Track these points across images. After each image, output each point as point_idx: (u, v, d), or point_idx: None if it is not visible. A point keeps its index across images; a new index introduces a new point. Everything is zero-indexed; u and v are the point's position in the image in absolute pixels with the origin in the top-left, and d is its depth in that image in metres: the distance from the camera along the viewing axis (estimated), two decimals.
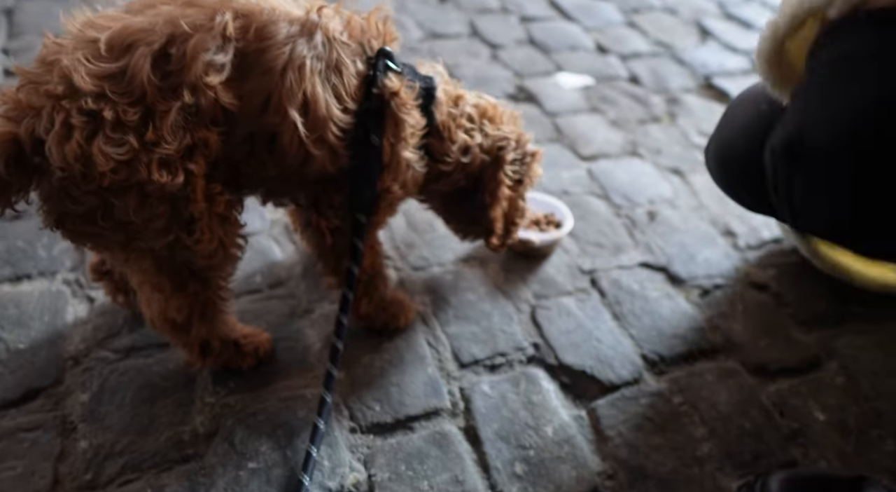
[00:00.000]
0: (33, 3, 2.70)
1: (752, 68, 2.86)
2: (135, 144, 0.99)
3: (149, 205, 1.05)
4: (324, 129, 1.17)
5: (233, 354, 1.41)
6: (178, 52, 1.01)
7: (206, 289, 1.26)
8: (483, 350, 1.58)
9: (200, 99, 1.03)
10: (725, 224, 2.02)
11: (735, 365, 1.59)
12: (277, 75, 1.10)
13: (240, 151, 1.14)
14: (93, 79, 0.96)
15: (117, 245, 1.13)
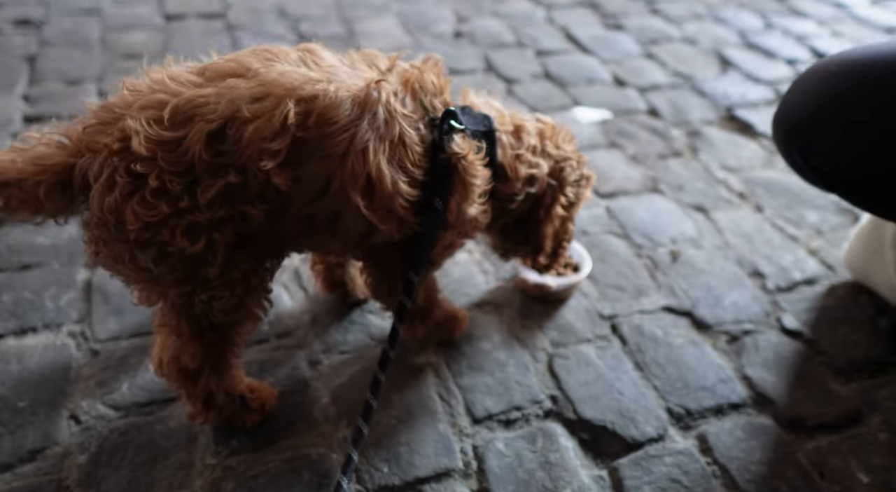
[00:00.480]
0: (55, 49, 2.76)
1: (775, 99, 2.78)
2: (166, 210, 1.03)
3: (168, 261, 1.10)
4: (391, 204, 1.17)
5: (237, 409, 1.38)
6: (235, 134, 1.04)
7: (223, 341, 1.27)
8: (498, 404, 1.50)
9: (249, 178, 1.06)
10: (753, 264, 1.93)
11: (768, 420, 1.49)
12: (338, 160, 1.09)
13: (295, 227, 1.18)
14: (149, 144, 1.02)
15: (141, 286, 1.20)
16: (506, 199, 1.39)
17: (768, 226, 2.08)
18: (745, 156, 2.42)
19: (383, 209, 1.17)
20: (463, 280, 1.83)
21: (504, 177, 1.37)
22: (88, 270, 1.76)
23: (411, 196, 1.19)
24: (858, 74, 1.38)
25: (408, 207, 1.20)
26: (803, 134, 1.47)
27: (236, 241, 1.12)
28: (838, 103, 1.40)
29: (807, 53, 3.15)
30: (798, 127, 1.48)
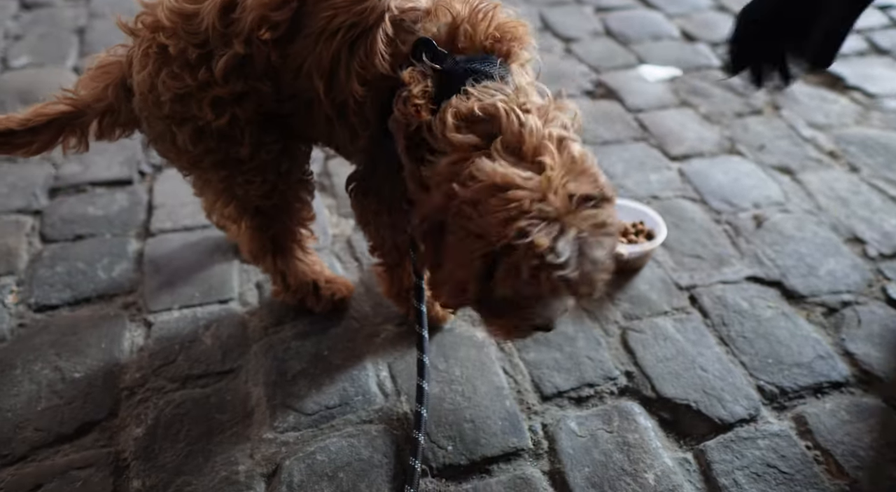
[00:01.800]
0: (104, 21, 2.73)
1: (868, 49, 2.52)
2: (189, 81, 1.08)
3: (203, 139, 1.14)
4: (344, 101, 1.10)
5: (309, 294, 1.47)
6: (243, 2, 1.05)
7: (273, 225, 1.34)
8: (567, 380, 1.39)
9: (254, 51, 1.07)
10: (850, 229, 1.73)
11: (877, 401, 1.33)
12: (313, 41, 1.07)
13: (286, 108, 1.17)
14: (171, 15, 1.06)
15: (187, 169, 1.26)
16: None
17: (866, 187, 1.87)
18: (834, 111, 2.20)
19: (338, 105, 1.10)
20: None
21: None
22: (140, 240, 1.72)
23: (361, 98, 1.06)
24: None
25: (357, 112, 1.08)
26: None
27: (259, 119, 1.15)
28: None
29: None
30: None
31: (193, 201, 1.81)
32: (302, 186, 1.32)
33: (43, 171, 1.92)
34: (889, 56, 2.47)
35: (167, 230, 1.74)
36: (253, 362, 1.42)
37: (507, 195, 0.90)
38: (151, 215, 1.79)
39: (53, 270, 1.62)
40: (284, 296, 1.48)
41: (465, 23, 1.05)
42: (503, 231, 0.89)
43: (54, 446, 1.25)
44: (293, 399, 1.34)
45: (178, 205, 1.81)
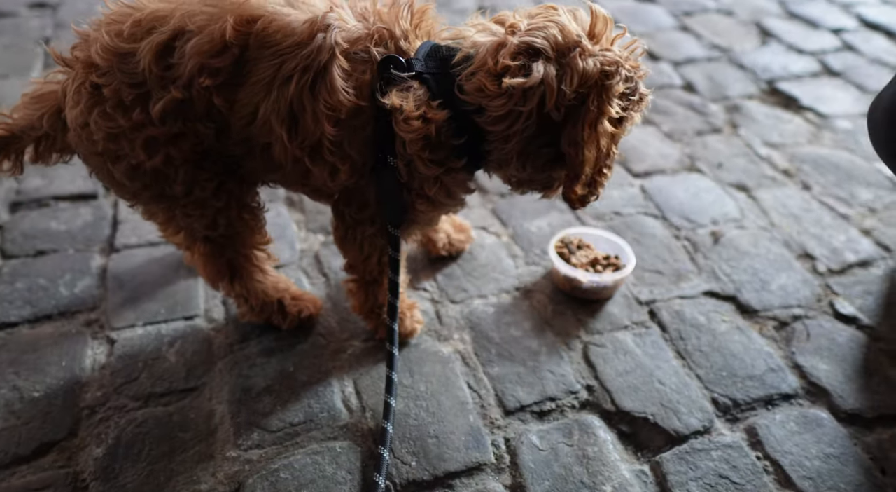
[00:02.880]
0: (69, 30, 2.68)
1: (821, 71, 2.62)
2: (122, 122, 1.07)
3: (137, 176, 1.15)
4: (317, 144, 1.11)
5: (274, 312, 1.48)
6: (181, 48, 1.05)
7: (227, 252, 1.35)
8: (530, 394, 1.42)
9: (194, 95, 1.07)
10: (802, 245, 1.80)
11: (823, 412, 1.38)
12: (265, 88, 1.08)
13: (237, 150, 1.18)
14: (106, 55, 1.05)
15: (127, 200, 1.27)
16: (489, 123, 1.12)
17: (817, 204, 1.95)
18: (789, 131, 2.28)
19: (310, 147, 1.12)
20: (491, 265, 1.74)
21: (476, 107, 1.11)
22: (104, 255, 1.71)
23: (336, 138, 1.10)
24: None
25: (334, 151, 1.12)
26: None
27: (195, 158, 1.15)
28: None
29: (854, 22, 2.97)
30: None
31: None
32: (248, 214, 1.31)
33: (4, 184, 1.90)
34: (840, 78, 2.58)
35: (132, 246, 1.73)
36: (217, 380, 1.42)
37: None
38: (116, 230, 1.78)
39: (13, 286, 1.60)
40: (250, 316, 1.49)
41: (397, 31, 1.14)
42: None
43: (11, 467, 1.24)
44: (258, 416, 1.35)
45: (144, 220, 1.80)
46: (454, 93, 1.12)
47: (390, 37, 1.13)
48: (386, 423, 1.24)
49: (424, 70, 1.12)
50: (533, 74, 1.06)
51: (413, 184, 1.18)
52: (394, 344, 1.30)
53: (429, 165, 1.14)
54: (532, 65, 1.07)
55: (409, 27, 1.14)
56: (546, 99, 1.08)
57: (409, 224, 1.29)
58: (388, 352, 1.31)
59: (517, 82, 1.06)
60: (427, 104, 1.10)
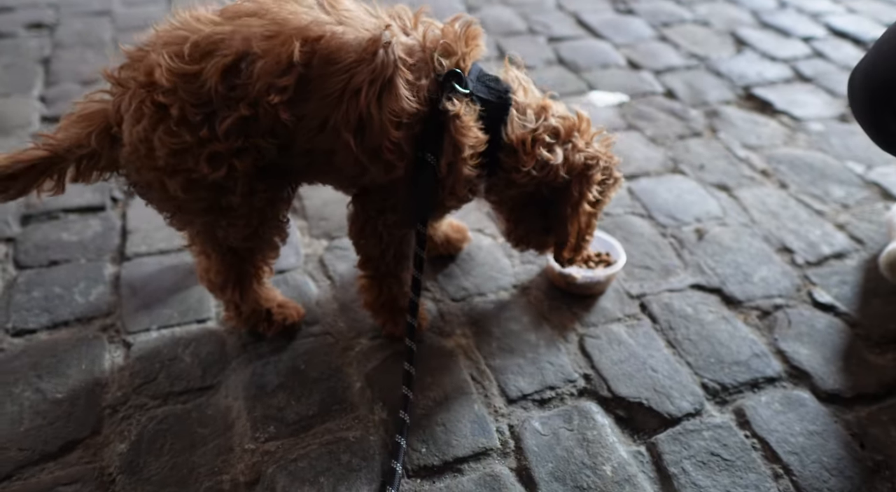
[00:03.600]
0: (69, 51, 2.77)
1: (794, 77, 2.76)
2: (189, 139, 1.14)
3: (194, 189, 1.21)
4: (378, 145, 1.23)
5: (261, 320, 1.55)
6: (248, 69, 1.13)
7: (243, 263, 1.43)
8: (531, 384, 1.50)
9: (260, 112, 1.15)
10: (780, 240, 1.91)
11: (805, 393, 1.48)
12: (335, 101, 1.18)
13: (300, 161, 1.28)
14: (170, 76, 1.11)
15: (170, 212, 1.32)
16: (510, 168, 1.38)
17: (793, 202, 2.06)
18: (765, 134, 2.40)
19: (372, 149, 1.23)
20: (488, 264, 1.83)
21: (510, 150, 1.36)
22: (115, 264, 1.77)
23: (397, 139, 1.22)
24: None
25: (394, 150, 1.24)
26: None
27: (255, 171, 1.23)
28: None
29: (823, 31, 3.12)
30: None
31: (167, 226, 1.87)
32: (278, 230, 1.41)
33: None
34: (812, 83, 2.71)
35: (142, 254, 1.80)
36: (232, 378, 1.48)
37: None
38: (126, 240, 1.84)
39: (29, 295, 1.65)
40: (236, 322, 1.55)
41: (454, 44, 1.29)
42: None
43: (39, 464, 1.29)
44: (273, 410, 1.41)
45: (153, 229, 1.87)
46: (496, 122, 1.33)
47: (452, 53, 1.27)
48: (404, 414, 1.31)
49: (475, 91, 1.30)
50: (557, 154, 1.36)
51: (447, 182, 1.33)
52: (413, 339, 1.38)
53: (470, 169, 1.31)
54: (556, 147, 1.36)
55: (466, 50, 1.29)
56: (549, 176, 1.37)
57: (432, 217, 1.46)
58: (408, 347, 1.38)
59: (548, 157, 1.35)
60: (479, 124, 1.29)
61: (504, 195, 1.46)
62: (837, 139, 2.36)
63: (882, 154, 2.26)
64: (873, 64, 1.37)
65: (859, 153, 2.28)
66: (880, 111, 1.35)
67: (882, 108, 1.34)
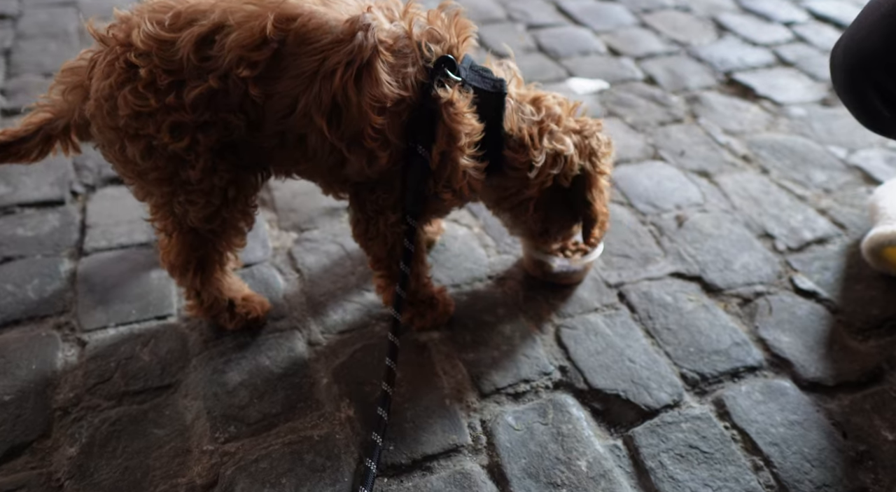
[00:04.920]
0: (32, 42, 2.68)
1: (775, 62, 2.72)
2: (153, 103, 1.11)
3: (153, 156, 1.17)
4: (357, 132, 1.18)
5: (223, 311, 1.47)
6: (221, 41, 1.10)
7: (205, 246, 1.36)
8: (505, 377, 1.44)
9: (229, 86, 1.12)
10: (762, 226, 1.86)
11: (787, 382, 1.43)
12: (307, 81, 1.13)
13: (269, 142, 1.22)
14: (147, 40, 1.10)
15: (130, 179, 1.27)
16: (523, 167, 1.34)
17: (775, 187, 2.02)
18: (746, 119, 2.36)
19: (350, 136, 1.18)
20: (463, 255, 1.77)
21: (518, 145, 1.32)
22: (73, 260, 1.70)
23: (380, 126, 1.18)
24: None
25: (376, 138, 1.19)
26: (885, 63, 1.25)
27: (219, 147, 1.19)
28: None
29: (804, 15, 3.08)
30: (877, 55, 1.26)
31: (129, 220, 1.81)
32: (243, 215, 1.35)
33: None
34: (794, 68, 2.67)
35: (102, 249, 1.72)
36: (192, 376, 1.42)
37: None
38: (85, 235, 1.77)
39: None
40: (197, 311, 1.48)
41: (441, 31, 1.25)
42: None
43: None
44: (234, 409, 1.35)
45: (113, 224, 1.80)
46: (493, 111, 1.28)
47: (440, 39, 1.24)
48: (382, 411, 1.22)
49: (468, 80, 1.25)
50: (567, 143, 1.34)
51: (442, 174, 1.27)
52: (397, 334, 1.30)
53: (467, 159, 1.26)
54: (562, 135, 1.33)
55: (458, 39, 1.26)
56: (564, 167, 1.35)
57: (426, 213, 1.40)
58: (390, 342, 1.29)
59: (560, 148, 1.32)
60: (472, 112, 1.25)
61: (521, 198, 1.41)
62: (819, 123, 2.32)
63: (864, 137, 2.23)
64: (853, 38, 1.32)
65: (841, 137, 2.24)
66: (861, 85, 1.31)
67: (863, 82, 1.29)
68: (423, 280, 1.51)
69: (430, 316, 1.53)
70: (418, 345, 1.51)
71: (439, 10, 1.26)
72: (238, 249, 1.44)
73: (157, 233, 1.39)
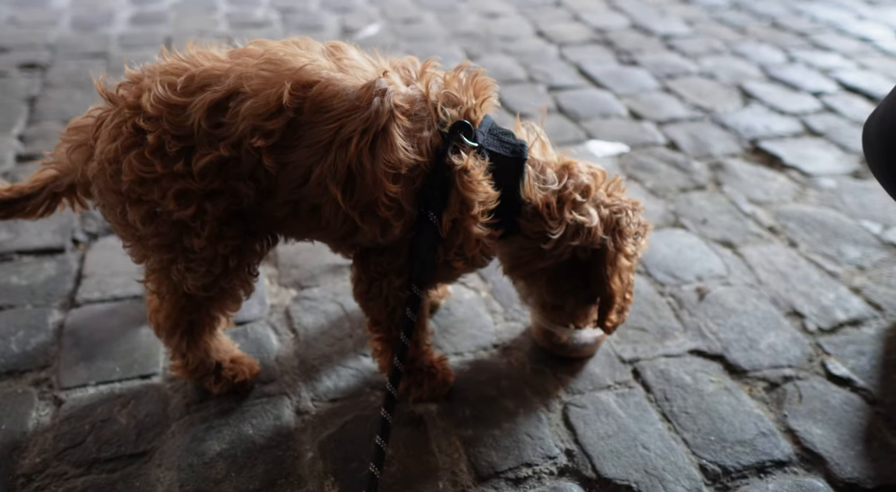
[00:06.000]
0: (58, 90, 2.73)
1: (803, 131, 2.64)
2: (159, 169, 1.07)
3: (155, 222, 1.13)
4: (371, 201, 1.13)
5: (208, 374, 1.40)
6: (235, 108, 1.07)
7: (198, 311, 1.29)
8: (505, 460, 1.32)
9: (242, 154, 1.08)
10: (790, 303, 1.74)
11: (819, 481, 1.28)
12: (322, 150, 1.09)
13: (281, 211, 1.17)
14: (157, 104, 1.06)
15: (129, 242, 1.23)
16: (536, 237, 1.27)
17: (804, 262, 1.90)
18: (773, 189, 2.26)
19: (364, 205, 1.14)
20: (468, 321, 1.67)
21: (533, 213, 1.25)
22: (63, 311, 1.64)
23: (394, 194, 1.13)
24: None
25: (391, 207, 1.14)
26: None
27: (226, 216, 1.14)
28: None
29: (833, 86, 3.01)
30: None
31: (127, 271, 1.76)
32: (243, 284, 1.28)
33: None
34: (823, 138, 2.59)
35: (94, 301, 1.67)
36: (170, 443, 1.32)
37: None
38: (79, 285, 1.72)
39: None
40: (182, 372, 1.40)
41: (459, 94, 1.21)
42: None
43: None
44: (209, 484, 1.25)
45: (110, 274, 1.75)
46: (510, 178, 1.22)
47: (457, 103, 1.19)
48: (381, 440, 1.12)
49: (486, 145, 1.20)
50: (591, 215, 1.27)
51: (454, 242, 1.21)
52: (391, 411, 1.18)
53: (480, 228, 1.20)
54: (587, 206, 1.27)
55: (476, 101, 1.22)
56: (587, 240, 1.28)
57: (434, 280, 1.34)
58: (382, 419, 1.16)
59: (582, 220, 1.26)
60: (488, 179, 1.19)
61: (534, 268, 1.35)
62: (851, 197, 2.21)
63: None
64: (888, 112, 1.24)
65: (875, 212, 2.13)
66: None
67: None
68: (422, 347, 1.41)
69: (427, 386, 1.42)
70: (413, 418, 1.40)
71: (457, 72, 1.22)
72: (233, 311, 1.37)
73: (150, 294, 1.33)
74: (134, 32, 3.39)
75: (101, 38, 3.32)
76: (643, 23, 3.77)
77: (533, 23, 3.75)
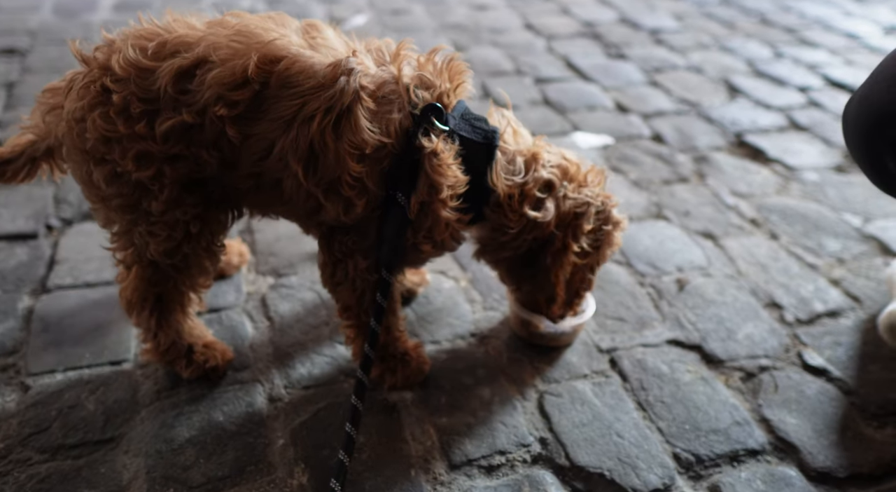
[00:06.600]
0: (37, 76, 2.69)
1: (788, 126, 2.64)
2: (122, 129, 1.08)
3: (116, 182, 1.14)
4: (334, 179, 1.12)
5: (180, 357, 1.38)
6: (202, 76, 1.07)
7: (165, 283, 1.29)
8: (479, 447, 1.31)
9: (206, 122, 1.08)
10: (769, 294, 1.74)
11: (792, 470, 1.28)
12: (284, 125, 1.09)
13: (244, 183, 1.18)
14: (126, 66, 1.07)
15: (94, 204, 1.23)
16: (497, 227, 1.28)
17: (784, 254, 1.90)
18: (756, 181, 2.26)
19: (327, 183, 1.13)
20: (447, 309, 1.66)
21: (496, 204, 1.26)
22: (33, 297, 1.61)
23: (358, 174, 1.13)
24: None
25: (354, 186, 1.14)
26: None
27: (187, 182, 1.15)
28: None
29: (820, 81, 3.02)
30: (892, 113, 1.18)
31: (100, 256, 1.73)
32: (208, 254, 1.28)
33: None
34: (807, 132, 2.59)
35: (66, 286, 1.64)
36: (138, 429, 1.30)
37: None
38: (51, 271, 1.69)
39: None
40: (153, 355, 1.38)
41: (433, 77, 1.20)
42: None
43: None
44: (177, 470, 1.23)
45: (83, 260, 1.72)
46: (480, 163, 1.22)
47: (430, 86, 1.18)
48: (336, 484, 1.07)
49: (457, 129, 1.20)
50: (547, 210, 1.27)
51: (422, 225, 1.20)
52: (361, 399, 1.16)
53: (449, 212, 1.19)
54: (547, 201, 1.27)
55: (449, 85, 1.20)
56: (540, 234, 1.29)
57: (402, 264, 1.34)
58: (353, 406, 1.14)
59: (535, 215, 1.26)
60: (457, 163, 1.18)
61: (499, 257, 1.36)
62: (833, 190, 2.22)
63: (881, 207, 2.11)
64: (869, 93, 1.23)
65: (857, 205, 2.13)
66: (876, 143, 1.21)
67: (878, 139, 1.20)
68: (394, 334, 1.40)
69: (401, 373, 1.41)
70: (387, 406, 1.39)
71: (431, 55, 1.21)
72: (203, 290, 1.35)
73: (117, 265, 1.31)
74: (117, 20, 3.35)
75: (84, 24, 3.28)
76: (632, 17, 3.77)
77: (522, 15, 3.74)
